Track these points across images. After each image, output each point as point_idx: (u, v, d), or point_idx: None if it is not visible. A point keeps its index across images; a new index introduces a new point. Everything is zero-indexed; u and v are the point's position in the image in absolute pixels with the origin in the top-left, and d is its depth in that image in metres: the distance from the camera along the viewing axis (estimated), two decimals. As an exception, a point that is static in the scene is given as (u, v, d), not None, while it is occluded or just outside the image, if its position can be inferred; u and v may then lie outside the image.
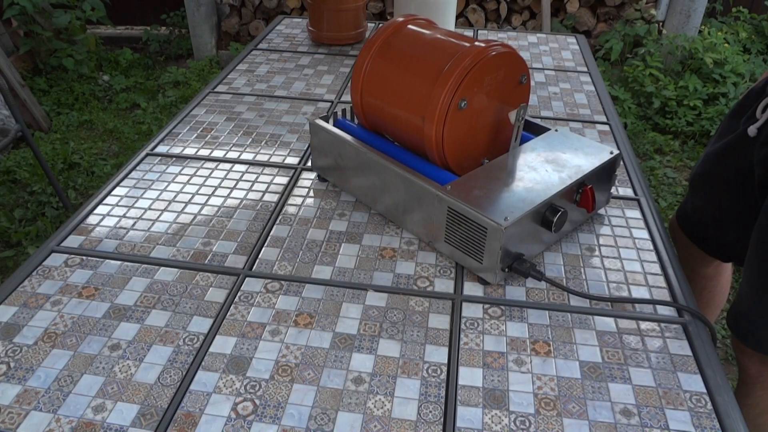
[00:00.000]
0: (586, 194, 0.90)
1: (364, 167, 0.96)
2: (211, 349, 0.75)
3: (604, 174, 0.95)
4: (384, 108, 0.95)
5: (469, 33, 1.84)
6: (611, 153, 0.95)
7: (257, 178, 1.09)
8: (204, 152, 1.17)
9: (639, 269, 0.89)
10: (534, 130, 1.04)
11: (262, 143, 1.21)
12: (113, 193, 1.05)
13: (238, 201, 1.03)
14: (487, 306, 0.82)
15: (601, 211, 1.01)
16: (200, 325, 0.78)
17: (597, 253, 0.92)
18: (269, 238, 0.94)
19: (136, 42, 4.16)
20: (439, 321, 0.80)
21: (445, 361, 0.74)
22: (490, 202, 0.82)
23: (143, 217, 0.99)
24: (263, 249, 0.92)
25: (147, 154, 1.16)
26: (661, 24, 3.51)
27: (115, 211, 1.00)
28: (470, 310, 0.81)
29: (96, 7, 3.53)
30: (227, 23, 3.95)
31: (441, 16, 1.62)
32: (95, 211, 1.00)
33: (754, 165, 0.99)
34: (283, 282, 0.86)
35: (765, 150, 0.96)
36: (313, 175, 1.10)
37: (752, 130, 0.99)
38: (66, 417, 0.66)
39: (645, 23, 3.44)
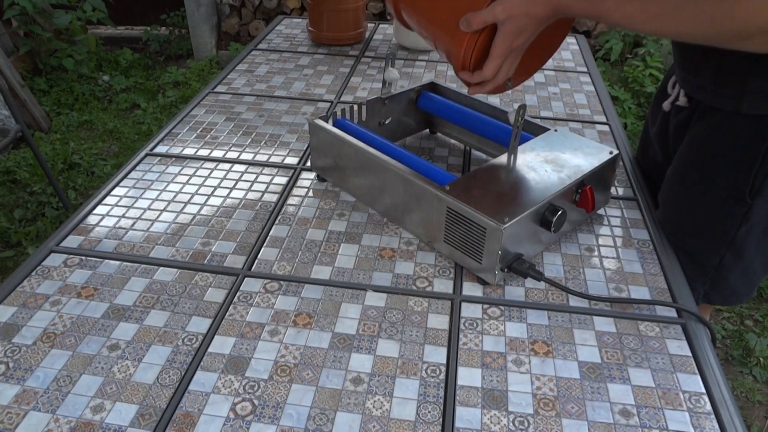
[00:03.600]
0: (586, 194, 0.90)
1: (364, 167, 0.96)
2: (210, 349, 0.75)
3: (604, 174, 0.94)
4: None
5: (468, 33, 1.83)
6: (611, 153, 0.95)
7: (256, 178, 1.09)
8: (203, 152, 1.17)
9: (639, 269, 0.89)
10: (534, 130, 1.04)
11: (262, 143, 1.21)
12: (113, 193, 1.05)
13: (238, 201, 1.03)
14: (486, 306, 0.82)
15: (601, 211, 1.01)
16: (199, 325, 0.78)
17: (597, 253, 0.92)
18: (268, 238, 0.94)
19: (136, 42, 4.17)
20: (438, 321, 0.80)
21: (444, 362, 0.74)
22: (489, 202, 0.82)
23: (142, 217, 0.98)
24: (262, 249, 0.92)
25: (147, 154, 1.16)
26: (661, 24, 3.51)
27: (115, 211, 1.00)
28: (469, 311, 0.81)
29: (97, 8, 3.53)
30: (227, 23, 3.95)
31: (441, 16, 1.62)
32: (95, 211, 1.00)
33: (669, 138, 1.04)
34: (282, 282, 0.86)
35: (675, 120, 1.01)
36: (312, 175, 1.10)
37: (666, 105, 1.04)
38: (65, 417, 0.66)
39: (645, 23, 3.43)
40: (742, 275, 0.99)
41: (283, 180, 1.09)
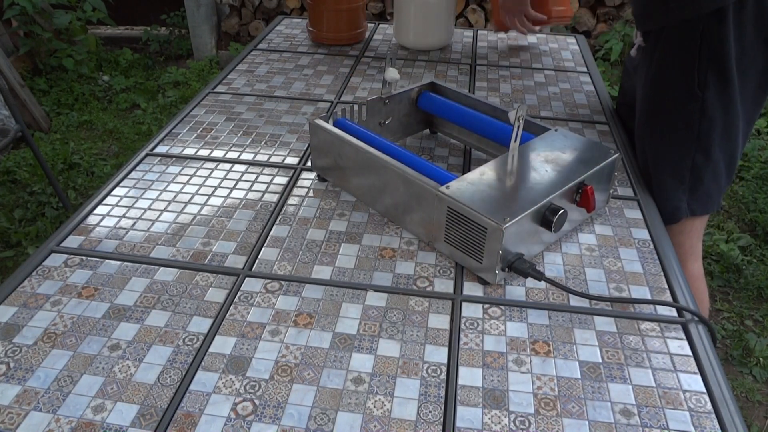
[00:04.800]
0: (586, 194, 0.90)
1: (364, 167, 0.96)
2: (210, 349, 0.75)
3: (604, 174, 0.95)
4: None
5: (468, 33, 1.84)
6: (611, 153, 0.95)
7: (257, 178, 1.09)
8: (204, 152, 1.17)
9: (639, 269, 0.89)
10: (534, 130, 1.04)
11: (262, 143, 1.21)
12: (113, 193, 1.05)
13: (238, 201, 1.03)
14: (486, 306, 0.82)
15: (601, 210, 1.01)
16: (200, 325, 0.78)
17: (597, 253, 0.92)
18: (269, 238, 0.94)
19: (136, 42, 4.16)
20: (439, 321, 0.80)
21: (445, 361, 0.74)
22: (490, 202, 0.82)
23: (143, 217, 0.99)
24: (263, 249, 0.92)
25: (147, 155, 1.16)
26: (661, 24, 3.51)
27: (115, 212, 1.00)
28: (470, 310, 0.81)
29: (97, 8, 3.53)
30: (227, 23, 3.95)
31: (441, 16, 1.62)
32: (95, 212, 1.00)
33: (636, 84, 1.18)
34: (282, 282, 0.86)
35: (641, 66, 1.16)
36: (312, 175, 1.10)
37: (633, 51, 1.21)
38: (66, 417, 0.66)
39: (645, 23, 3.43)
40: (713, 177, 1.11)
41: (284, 180, 1.09)
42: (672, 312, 0.82)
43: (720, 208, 1.17)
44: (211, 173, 1.10)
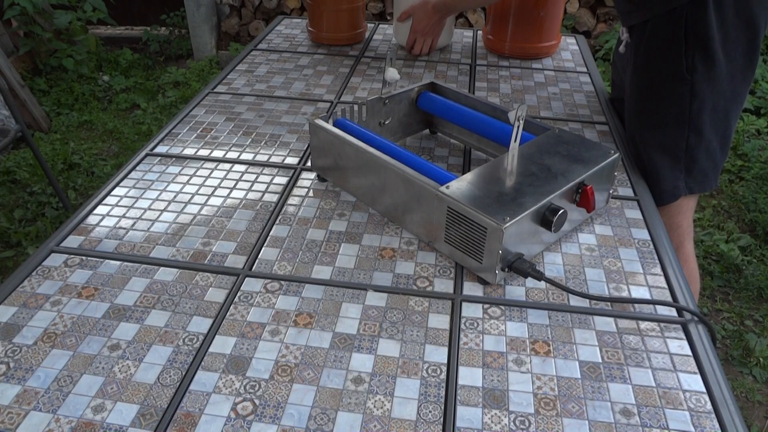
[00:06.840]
0: (586, 194, 0.90)
1: (364, 167, 0.96)
2: (210, 349, 0.75)
3: (604, 174, 0.95)
4: None
5: (468, 33, 1.84)
6: (611, 153, 0.95)
7: (257, 178, 1.09)
8: (204, 152, 1.17)
9: (639, 269, 0.89)
10: (534, 130, 1.04)
11: (262, 143, 1.21)
12: (113, 193, 1.05)
13: (238, 201, 1.03)
14: (486, 306, 0.82)
15: (601, 211, 1.01)
16: (200, 325, 0.78)
17: (597, 253, 0.92)
18: (269, 238, 0.94)
19: (136, 42, 4.16)
20: (439, 321, 0.80)
21: (445, 361, 0.74)
22: (490, 202, 0.82)
23: (143, 217, 0.99)
24: (263, 249, 0.92)
25: (147, 155, 1.16)
26: (661, 24, 3.51)
27: (115, 212, 1.00)
28: (470, 310, 0.81)
29: (97, 8, 3.53)
30: (227, 24, 3.95)
31: (441, 17, 1.62)
32: (95, 212, 1.00)
33: (624, 78, 1.24)
34: (282, 282, 0.86)
35: (626, 54, 1.23)
36: (312, 175, 1.10)
37: (621, 48, 1.27)
38: (65, 417, 0.66)
39: (645, 23, 3.43)
40: (706, 155, 1.16)
41: (284, 180, 1.09)
42: (672, 312, 0.82)
43: (717, 186, 1.21)
44: (211, 173, 1.10)
